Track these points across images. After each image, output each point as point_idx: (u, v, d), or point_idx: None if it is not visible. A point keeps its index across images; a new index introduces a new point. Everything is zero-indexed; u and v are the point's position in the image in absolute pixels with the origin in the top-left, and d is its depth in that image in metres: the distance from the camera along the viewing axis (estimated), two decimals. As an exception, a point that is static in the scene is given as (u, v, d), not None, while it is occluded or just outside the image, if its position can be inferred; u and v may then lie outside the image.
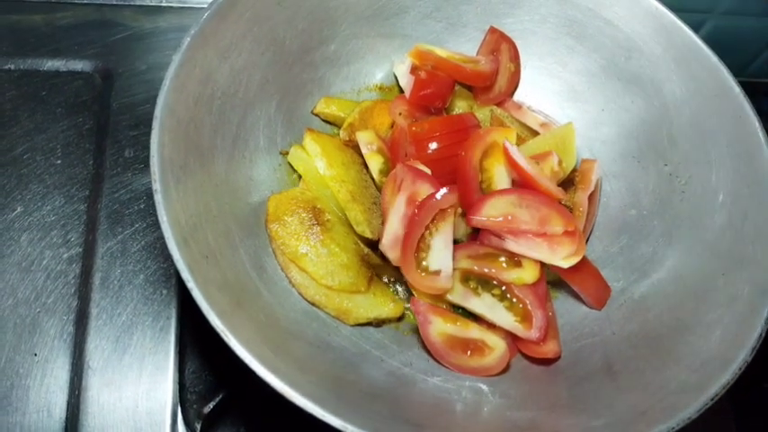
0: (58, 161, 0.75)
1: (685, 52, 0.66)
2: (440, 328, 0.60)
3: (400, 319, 0.64)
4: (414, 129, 0.65)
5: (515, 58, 0.75)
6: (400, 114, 0.70)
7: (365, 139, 0.68)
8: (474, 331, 0.61)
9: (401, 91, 0.75)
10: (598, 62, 0.72)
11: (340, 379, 0.55)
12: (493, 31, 0.75)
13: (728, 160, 0.62)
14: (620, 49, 0.70)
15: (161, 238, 0.52)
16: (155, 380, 0.65)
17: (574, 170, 0.70)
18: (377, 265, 0.65)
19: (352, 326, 0.62)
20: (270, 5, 0.65)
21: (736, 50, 1.01)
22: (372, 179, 0.68)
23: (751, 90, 1.08)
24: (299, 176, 0.68)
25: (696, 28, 0.95)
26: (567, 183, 0.70)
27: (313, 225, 0.63)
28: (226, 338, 0.46)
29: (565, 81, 0.75)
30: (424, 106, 0.70)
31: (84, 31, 0.84)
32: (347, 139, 0.70)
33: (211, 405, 0.63)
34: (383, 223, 0.63)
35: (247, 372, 0.47)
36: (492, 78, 0.73)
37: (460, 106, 0.74)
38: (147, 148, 0.53)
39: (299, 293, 0.61)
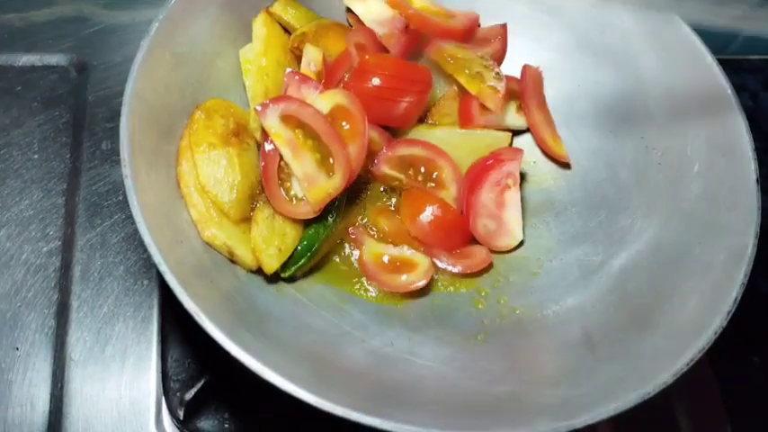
0: (35, 155, 0.75)
1: (658, 24, 0.66)
2: (372, 248, 0.63)
3: (255, 272, 0.61)
4: (367, 57, 0.65)
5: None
6: (355, 45, 0.69)
7: (311, 56, 0.67)
8: (403, 249, 0.64)
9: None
10: (573, 38, 0.72)
11: (319, 359, 0.55)
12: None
13: (703, 130, 0.62)
14: (594, 24, 0.71)
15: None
16: (138, 370, 0.65)
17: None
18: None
19: (204, 241, 0.58)
20: (239, -9, 0.65)
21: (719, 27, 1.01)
22: None
23: (735, 67, 1.09)
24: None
25: (675, 5, 0.96)
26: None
27: (232, 135, 0.62)
28: (198, 319, 0.46)
29: (541, 58, 0.74)
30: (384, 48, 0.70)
31: (59, 25, 0.84)
32: (295, 45, 0.68)
33: (193, 391, 0.63)
34: None
35: (229, 357, 0.47)
36: (465, 36, 0.73)
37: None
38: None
39: (177, 176, 0.59)
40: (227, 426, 0.64)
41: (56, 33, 0.83)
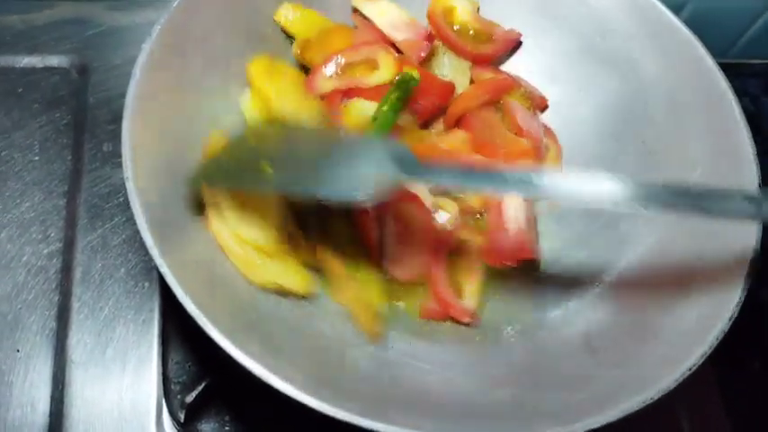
0: (36, 157, 0.75)
1: (659, 28, 0.66)
2: None
3: (305, 298, 0.61)
4: None
5: None
6: None
7: None
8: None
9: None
10: (574, 43, 0.72)
11: (321, 363, 0.55)
12: None
13: (705, 134, 0.62)
14: (595, 29, 0.70)
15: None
16: (138, 372, 0.65)
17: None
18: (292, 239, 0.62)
19: (258, 287, 0.58)
20: (242, -7, 0.65)
21: (720, 31, 1.01)
22: None
23: (736, 71, 1.08)
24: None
25: (677, 9, 0.96)
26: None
27: None
28: (200, 322, 0.46)
29: (542, 63, 0.74)
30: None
31: (61, 27, 0.84)
32: (298, 53, 0.66)
33: (194, 394, 0.63)
34: None
35: (231, 360, 0.47)
36: (494, 60, 0.73)
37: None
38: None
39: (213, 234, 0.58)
40: (227, 429, 0.64)
41: (57, 35, 0.83)
